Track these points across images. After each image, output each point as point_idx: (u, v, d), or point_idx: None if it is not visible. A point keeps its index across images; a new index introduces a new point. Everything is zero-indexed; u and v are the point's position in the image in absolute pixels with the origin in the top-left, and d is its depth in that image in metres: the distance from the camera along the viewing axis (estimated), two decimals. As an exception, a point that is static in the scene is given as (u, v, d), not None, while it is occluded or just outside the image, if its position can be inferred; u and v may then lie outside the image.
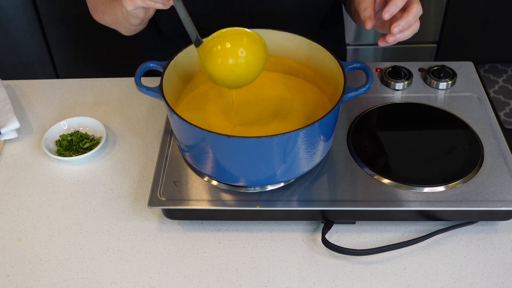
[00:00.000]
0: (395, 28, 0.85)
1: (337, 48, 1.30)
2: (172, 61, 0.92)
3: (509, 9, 2.30)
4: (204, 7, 1.08)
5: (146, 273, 0.86)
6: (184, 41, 0.93)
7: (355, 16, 1.14)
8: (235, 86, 0.90)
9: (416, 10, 0.85)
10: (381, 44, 0.87)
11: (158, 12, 0.97)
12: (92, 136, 1.09)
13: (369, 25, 0.88)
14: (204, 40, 0.87)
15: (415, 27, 0.87)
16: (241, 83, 0.89)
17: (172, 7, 0.86)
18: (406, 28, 0.86)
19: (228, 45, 0.86)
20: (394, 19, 0.87)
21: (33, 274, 0.87)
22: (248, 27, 0.88)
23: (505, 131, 2.29)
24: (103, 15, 1.09)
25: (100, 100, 1.19)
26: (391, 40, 0.86)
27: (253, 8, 1.09)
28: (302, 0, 1.10)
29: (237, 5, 1.09)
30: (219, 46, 0.86)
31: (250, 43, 0.87)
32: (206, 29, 0.94)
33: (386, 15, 0.85)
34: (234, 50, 0.86)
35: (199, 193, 0.90)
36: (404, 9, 0.86)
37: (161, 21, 1.17)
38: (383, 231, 0.91)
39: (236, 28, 0.87)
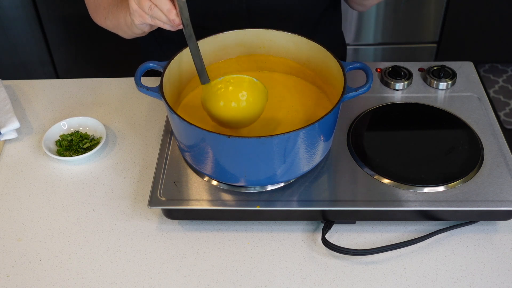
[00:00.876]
0: None
1: (335, 44, 1.30)
2: (172, 61, 0.92)
3: (509, 9, 2.30)
4: (202, 4, 1.08)
5: (146, 273, 0.86)
6: (183, 42, 0.93)
7: None
8: (232, 126, 0.91)
9: None
10: None
11: None
12: (92, 136, 1.09)
13: None
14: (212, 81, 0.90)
15: None
16: (239, 125, 0.91)
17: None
18: None
19: (230, 88, 0.88)
20: None
21: (33, 274, 0.87)
22: (246, 24, 0.88)
23: (505, 131, 2.29)
24: (105, 20, 1.09)
25: (100, 100, 1.19)
26: None
27: (251, 5, 1.09)
28: None
29: (235, 2, 1.09)
30: (222, 89, 0.88)
31: (252, 90, 0.89)
32: (203, 27, 0.94)
33: None
34: (236, 95, 0.88)
35: (199, 193, 0.90)
36: None
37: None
38: (383, 231, 0.91)
39: (243, 76, 0.89)
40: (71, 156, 1.04)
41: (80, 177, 1.02)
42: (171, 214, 0.91)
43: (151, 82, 1.16)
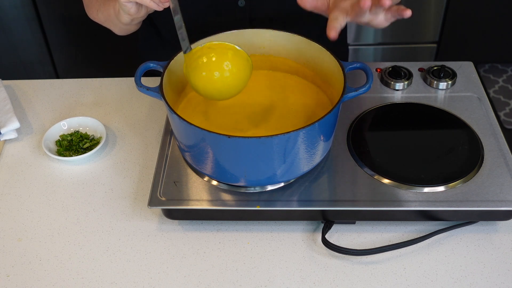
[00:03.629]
0: None
1: (338, 51, 1.30)
2: (172, 61, 0.92)
3: (509, 9, 2.30)
4: (204, 13, 1.08)
5: (146, 273, 0.86)
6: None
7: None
8: (215, 98, 0.90)
9: None
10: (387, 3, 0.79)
11: (156, 14, 0.97)
12: (92, 136, 1.09)
13: (332, 34, 0.84)
14: (193, 47, 0.87)
15: None
16: (221, 97, 0.89)
17: (168, 10, 0.86)
18: None
19: (214, 58, 0.86)
20: None
21: (33, 274, 0.87)
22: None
23: (505, 131, 2.29)
24: (97, 12, 1.09)
25: (100, 100, 1.19)
26: None
27: (254, 14, 1.09)
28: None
29: (237, 12, 1.08)
30: (204, 59, 0.86)
31: (235, 59, 0.87)
32: (206, 35, 0.94)
33: None
34: (220, 64, 0.86)
35: (199, 193, 0.90)
36: None
37: (159, 22, 1.17)
38: (383, 231, 0.91)
39: (227, 43, 0.88)
40: (71, 156, 1.04)
41: (80, 177, 1.02)
42: (171, 214, 0.91)
43: (151, 82, 1.16)
